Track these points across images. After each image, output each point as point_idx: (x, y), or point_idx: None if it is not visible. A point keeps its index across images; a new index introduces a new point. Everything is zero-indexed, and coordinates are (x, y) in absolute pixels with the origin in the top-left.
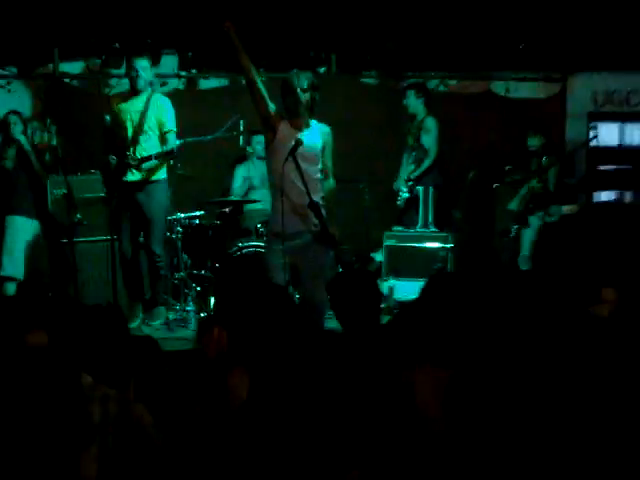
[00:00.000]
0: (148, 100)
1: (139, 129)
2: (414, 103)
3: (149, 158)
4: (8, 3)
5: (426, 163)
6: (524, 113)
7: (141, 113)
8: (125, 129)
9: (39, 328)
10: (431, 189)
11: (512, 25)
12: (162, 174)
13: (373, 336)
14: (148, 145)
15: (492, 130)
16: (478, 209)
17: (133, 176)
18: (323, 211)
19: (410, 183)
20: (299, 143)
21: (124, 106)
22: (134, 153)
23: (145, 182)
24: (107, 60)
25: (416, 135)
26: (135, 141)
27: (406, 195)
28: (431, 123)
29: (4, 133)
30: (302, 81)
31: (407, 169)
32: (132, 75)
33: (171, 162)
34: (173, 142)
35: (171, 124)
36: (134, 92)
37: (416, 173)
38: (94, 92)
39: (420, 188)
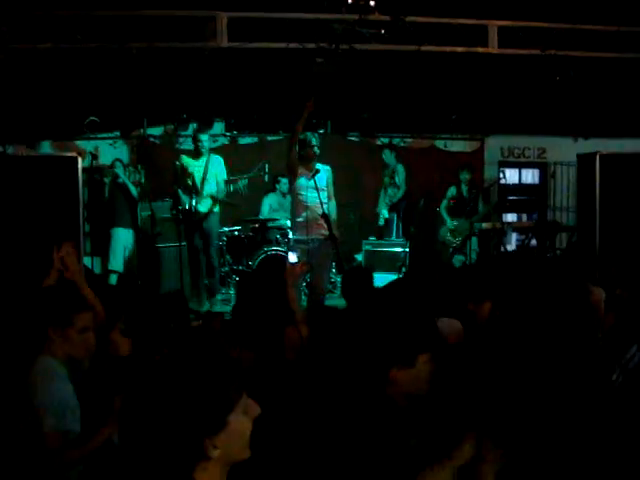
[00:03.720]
0: (208, 160)
1: (204, 178)
2: (388, 156)
3: (214, 200)
4: (114, 89)
5: (399, 195)
6: (457, 161)
7: (204, 168)
8: (192, 176)
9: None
10: (401, 213)
11: (449, 104)
12: (217, 208)
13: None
14: (209, 189)
15: (435, 172)
16: (426, 225)
17: (202, 207)
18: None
19: (387, 210)
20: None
21: (190, 161)
22: (200, 195)
23: (209, 213)
24: (177, 126)
25: (390, 177)
26: (202, 187)
27: (386, 216)
28: (401, 169)
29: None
30: (314, 140)
31: (384, 200)
32: (197, 144)
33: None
34: (224, 188)
35: (224, 175)
36: (197, 154)
37: (394, 200)
38: (169, 147)
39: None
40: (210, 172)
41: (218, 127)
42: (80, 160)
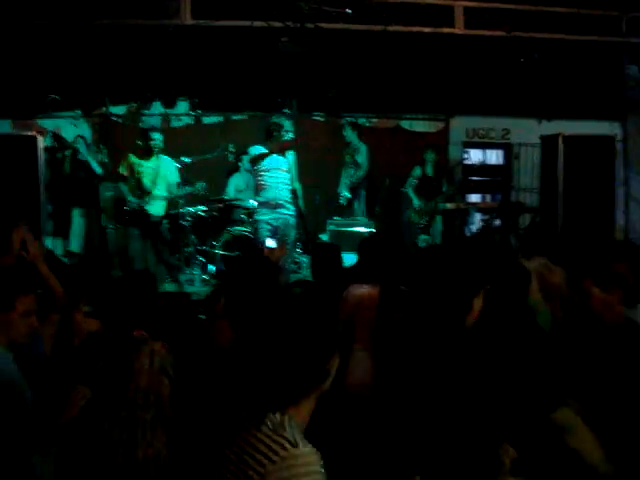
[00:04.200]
0: (159, 161)
1: (154, 181)
2: (350, 134)
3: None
4: (75, 67)
5: (360, 174)
6: (421, 141)
7: (155, 170)
8: (140, 176)
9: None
10: (363, 192)
11: (414, 83)
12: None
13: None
14: (159, 192)
15: (400, 152)
16: (390, 205)
17: (153, 210)
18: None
19: (348, 190)
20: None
21: (138, 161)
22: (150, 196)
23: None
24: (141, 105)
25: (352, 156)
26: (152, 188)
27: (348, 196)
28: (363, 148)
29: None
30: (283, 123)
31: (345, 179)
32: (149, 142)
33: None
34: (176, 192)
35: (177, 177)
36: (148, 153)
37: (353, 180)
38: (132, 126)
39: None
40: (160, 175)
41: (182, 106)
42: (41, 139)
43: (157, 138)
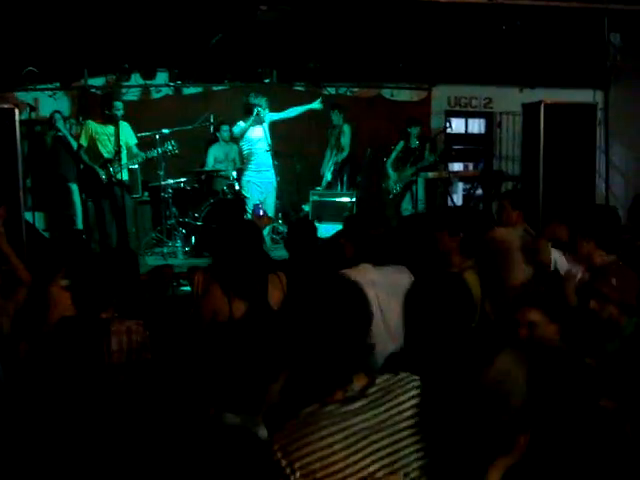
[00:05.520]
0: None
1: (118, 147)
2: (337, 117)
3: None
4: (53, 38)
5: (343, 155)
6: (403, 110)
7: (115, 136)
8: (101, 144)
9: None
10: (347, 169)
11: (395, 51)
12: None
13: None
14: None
15: (382, 121)
16: (373, 175)
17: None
18: None
19: (330, 172)
20: None
21: (99, 128)
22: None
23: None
24: (119, 76)
25: (336, 137)
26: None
27: (328, 179)
28: (347, 129)
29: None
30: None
31: (329, 161)
32: (111, 111)
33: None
34: (136, 151)
35: (134, 139)
36: (109, 120)
37: (337, 159)
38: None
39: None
40: (121, 140)
41: (162, 77)
42: (18, 112)
43: (119, 107)
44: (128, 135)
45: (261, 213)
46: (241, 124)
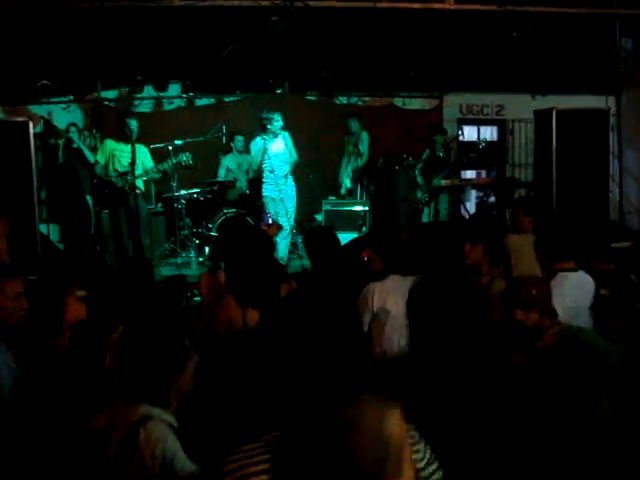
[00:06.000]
0: (134, 146)
1: (133, 163)
2: (354, 125)
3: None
4: (66, 52)
5: (363, 161)
6: (415, 119)
7: (131, 153)
8: (118, 160)
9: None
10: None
11: (407, 60)
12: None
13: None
14: (138, 170)
15: (393, 130)
16: (385, 184)
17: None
18: None
19: (349, 180)
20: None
21: (117, 145)
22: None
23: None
24: (132, 88)
25: (354, 144)
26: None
27: (348, 186)
28: (365, 136)
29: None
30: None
31: (348, 168)
32: (125, 130)
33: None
34: (153, 171)
35: (150, 163)
36: (124, 139)
37: (357, 164)
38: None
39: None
40: (138, 158)
41: (174, 89)
42: (32, 125)
43: (133, 125)
44: (145, 159)
45: (270, 222)
46: (258, 141)
